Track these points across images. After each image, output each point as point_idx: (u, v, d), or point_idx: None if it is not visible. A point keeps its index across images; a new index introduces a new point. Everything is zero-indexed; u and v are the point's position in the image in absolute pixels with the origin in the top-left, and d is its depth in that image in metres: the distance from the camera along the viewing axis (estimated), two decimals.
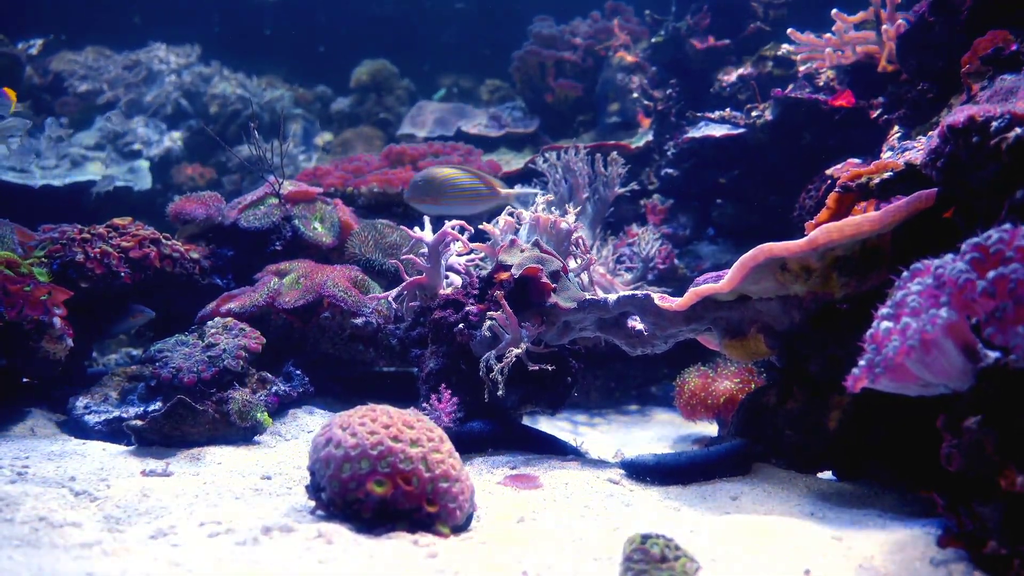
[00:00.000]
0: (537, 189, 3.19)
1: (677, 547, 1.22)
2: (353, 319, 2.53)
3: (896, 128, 2.47)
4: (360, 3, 7.20)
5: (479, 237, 2.29)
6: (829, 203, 1.89)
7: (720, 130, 3.34)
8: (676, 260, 3.28)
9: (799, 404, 1.79)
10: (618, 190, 3.26)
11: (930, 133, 1.92)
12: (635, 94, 4.28)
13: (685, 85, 3.83)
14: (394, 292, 2.29)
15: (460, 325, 2.10)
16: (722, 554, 1.29)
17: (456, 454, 1.51)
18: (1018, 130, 1.37)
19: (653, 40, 4.31)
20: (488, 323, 2.03)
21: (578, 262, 2.28)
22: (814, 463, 1.78)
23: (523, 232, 2.29)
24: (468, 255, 2.29)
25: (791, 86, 3.15)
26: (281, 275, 2.63)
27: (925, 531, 1.30)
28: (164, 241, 2.58)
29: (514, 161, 4.27)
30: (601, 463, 2.01)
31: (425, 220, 2.33)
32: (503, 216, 2.27)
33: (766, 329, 1.80)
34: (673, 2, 4.22)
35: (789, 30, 3.08)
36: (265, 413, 2.19)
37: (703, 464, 1.81)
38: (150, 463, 1.83)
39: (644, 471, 1.83)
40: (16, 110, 2.73)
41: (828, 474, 1.78)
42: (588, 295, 2.04)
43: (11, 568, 1.11)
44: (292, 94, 6.06)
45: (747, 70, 3.66)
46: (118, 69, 5.63)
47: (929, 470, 1.36)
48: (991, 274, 1.05)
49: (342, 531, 1.34)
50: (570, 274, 2.15)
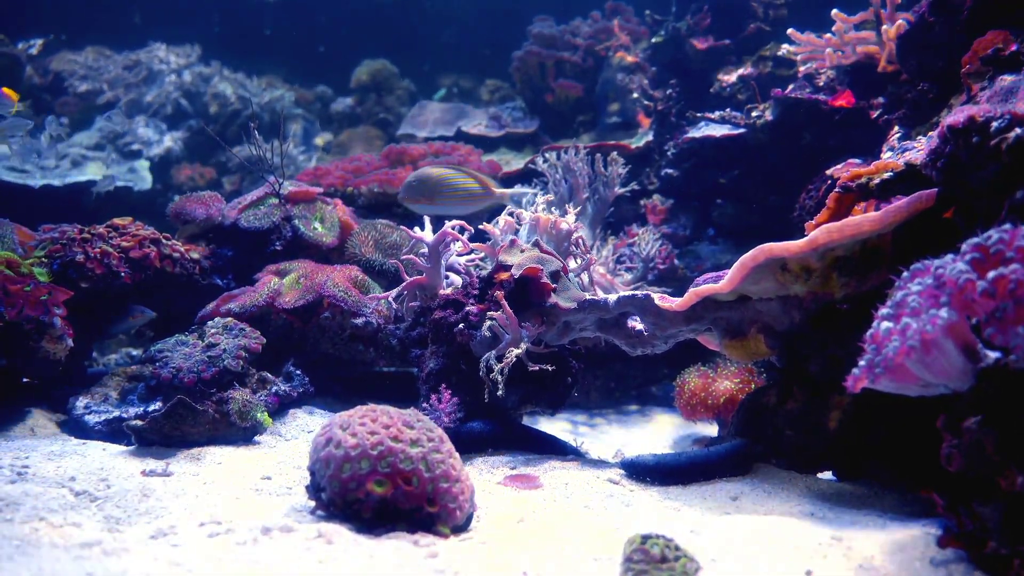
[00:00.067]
0: (533, 189, 3.19)
1: (677, 547, 1.22)
2: (353, 319, 2.53)
3: (896, 128, 2.47)
4: (360, 3, 7.20)
5: (479, 237, 2.29)
6: (829, 203, 1.90)
7: (720, 130, 3.34)
8: (676, 260, 3.27)
9: (799, 404, 1.79)
10: (618, 190, 3.26)
11: (930, 133, 1.92)
12: (635, 94, 4.27)
13: (685, 85, 3.83)
14: (394, 292, 2.29)
15: (460, 325, 2.10)
16: (722, 554, 1.29)
17: (456, 454, 1.51)
18: (1018, 130, 1.37)
19: (653, 40, 4.30)
20: (488, 323, 2.03)
21: (578, 262, 2.28)
22: (814, 463, 1.78)
23: (523, 232, 2.29)
24: (468, 255, 2.29)
25: (791, 86, 3.15)
26: (281, 275, 2.63)
27: (925, 531, 1.30)
28: (164, 241, 2.58)
29: (514, 161, 4.26)
30: (601, 463, 2.01)
31: (425, 220, 2.33)
32: (503, 216, 2.27)
33: (766, 329, 1.80)
34: (673, 2, 4.22)
35: (789, 30, 3.08)
36: (265, 413, 2.19)
37: (703, 464, 1.81)
38: (150, 463, 1.83)
39: (644, 471, 1.83)
40: (17, 110, 2.73)
41: (828, 474, 1.78)
42: (588, 295, 2.04)
43: (11, 568, 1.11)
44: (292, 94, 6.06)
45: (747, 70, 3.66)
46: (118, 69, 5.63)
47: (929, 470, 1.36)
48: (991, 274, 1.05)
49: (342, 531, 1.34)
50: (570, 274, 2.15)
